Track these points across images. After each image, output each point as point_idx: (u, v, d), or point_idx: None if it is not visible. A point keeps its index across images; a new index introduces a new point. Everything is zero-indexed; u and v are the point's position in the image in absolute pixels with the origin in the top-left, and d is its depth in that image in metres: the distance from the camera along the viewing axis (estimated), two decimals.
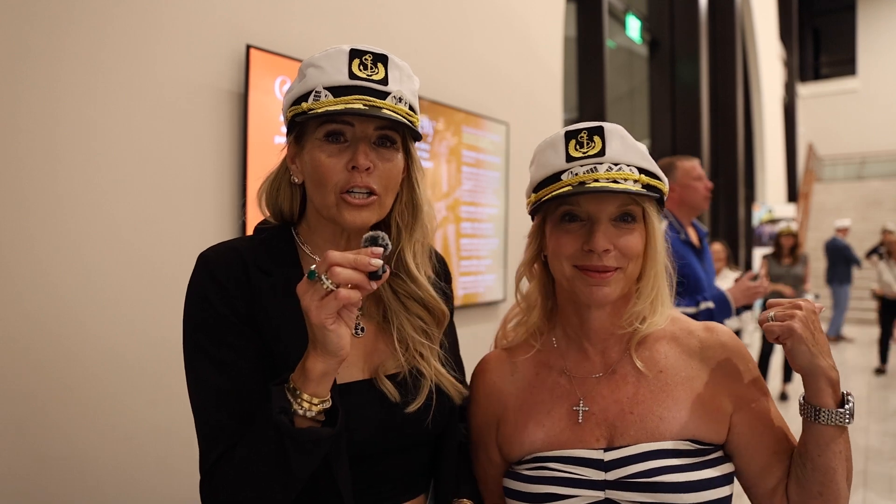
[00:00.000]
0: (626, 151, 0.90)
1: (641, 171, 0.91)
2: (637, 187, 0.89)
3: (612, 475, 0.87)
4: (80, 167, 1.55)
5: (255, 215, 1.01)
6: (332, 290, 0.72)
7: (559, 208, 0.93)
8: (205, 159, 1.81)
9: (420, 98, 2.55)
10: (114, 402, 1.60)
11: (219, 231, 1.84)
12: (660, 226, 0.93)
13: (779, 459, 0.92)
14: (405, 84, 0.91)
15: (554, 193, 0.90)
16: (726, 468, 0.90)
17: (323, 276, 0.72)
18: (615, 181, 0.88)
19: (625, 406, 0.92)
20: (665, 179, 0.95)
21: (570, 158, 0.91)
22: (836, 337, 9.05)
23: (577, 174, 0.89)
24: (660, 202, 0.95)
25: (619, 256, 0.90)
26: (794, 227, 6.57)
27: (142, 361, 1.66)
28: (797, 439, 0.91)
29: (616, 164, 0.89)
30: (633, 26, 6.03)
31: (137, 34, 1.65)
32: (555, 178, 0.91)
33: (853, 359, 7.98)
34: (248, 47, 1.87)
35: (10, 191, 1.42)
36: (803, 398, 0.87)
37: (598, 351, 0.97)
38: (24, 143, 1.44)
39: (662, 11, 6.77)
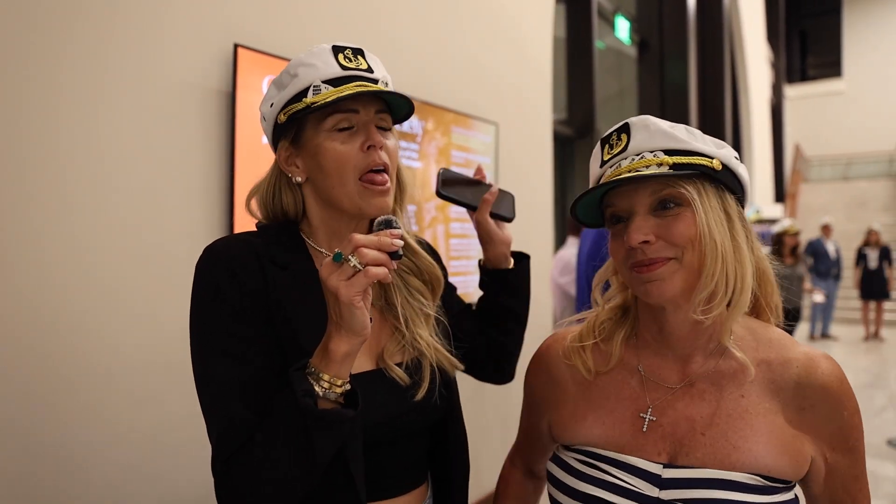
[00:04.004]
0: (651, 138, 0.85)
1: (668, 152, 0.84)
2: (661, 170, 0.82)
3: (667, 495, 0.81)
4: (66, 165, 1.53)
5: (243, 215, 1.01)
6: (359, 270, 0.74)
7: (606, 213, 0.89)
8: (192, 158, 1.80)
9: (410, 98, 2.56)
10: (110, 400, 1.59)
11: (206, 230, 1.82)
12: (713, 203, 0.84)
13: None
14: (383, 71, 0.97)
15: (577, 197, 0.87)
16: None
17: (351, 257, 0.75)
18: (636, 171, 0.83)
19: (697, 425, 0.85)
20: (714, 153, 0.85)
21: (603, 163, 0.89)
22: (823, 336, 9.14)
23: (605, 175, 0.87)
24: (710, 178, 0.85)
25: (665, 246, 0.83)
26: (796, 225, 5.95)
27: (137, 358, 1.64)
28: None
29: (638, 154, 0.85)
30: (623, 27, 6.06)
31: (124, 32, 1.63)
32: (595, 186, 0.88)
33: (839, 358, 8.06)
34: (236, 46, 1.86)
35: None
36: None
37: (677, 358, 0.90)
38: (7, 142, 1.43)
39: (651, 13, 6.81)
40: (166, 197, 1.74)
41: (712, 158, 0.84)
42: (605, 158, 0.88)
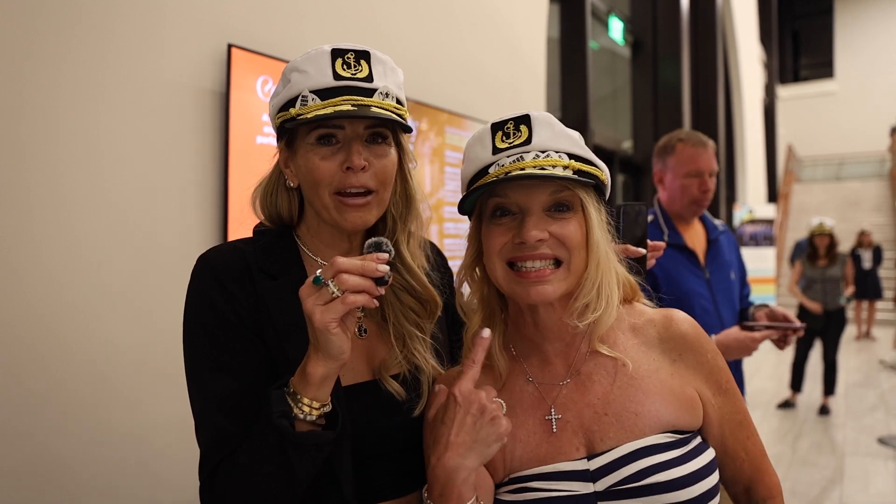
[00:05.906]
0: (556, 138, 0.86)
1: (572, 156, 0.86)
2: (567, 173, 0.84)
3: (601, 485, 0.82)
4: (62, 165, 1.53)
5: (237, 215, 1.01)
6: (337, 296, 0.72)
7: (490, 203, 0.87)
8: (186, 159, 1.80)
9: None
10: (104, 399, 1.58)
11: (200, 229, 1.82)
12: (598, 214, 0.88)
13: (738, 469, 0.93)
14: (390, 78, 0.92)
15: (477, 184, 0.86)
16: (710, 454, 0.87)
17: (329, 283, 0.72)
18: (542, 168, 0.83)
19: (598, 408, 0.87)
20: (602, 167, 0.90)
21: (496, 150, 0.87)
22: None
23: (503, 165, 0.85)
24: (597, 190, 0.90)
25: (557, 244, 0.84)
26: (828, 223, 5.55)
27: (131, 357, 1.64)
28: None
29: (543, 152, 0.85)
30: (616, 28, 6.06)
31: (119, 32, 1.63)
32: (483, 172, 0.87)
33: None
34: (230, 46, 1.86)
35: None
36: None
37: (558, 352, 0.92)
38: (5, 142, 1.42)
39: (645, 13, 6.82)
40: (161, 196, 1.73)
41: (603, 171, 0.90)
42: (501, 146, 0.87)
